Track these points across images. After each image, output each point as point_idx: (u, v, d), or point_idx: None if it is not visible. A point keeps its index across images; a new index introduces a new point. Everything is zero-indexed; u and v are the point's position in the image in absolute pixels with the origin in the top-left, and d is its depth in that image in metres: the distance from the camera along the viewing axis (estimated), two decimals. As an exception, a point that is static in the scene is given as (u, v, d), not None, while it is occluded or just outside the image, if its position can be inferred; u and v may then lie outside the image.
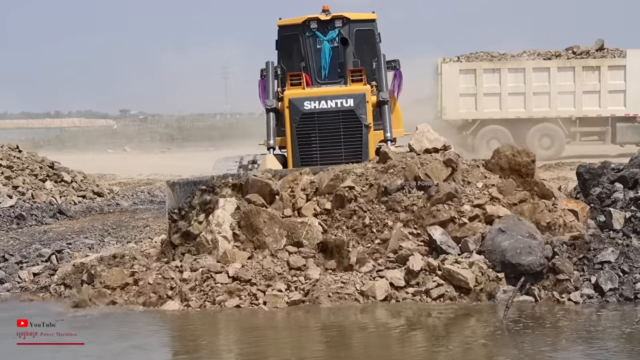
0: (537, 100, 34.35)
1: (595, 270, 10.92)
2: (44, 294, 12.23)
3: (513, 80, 34.33)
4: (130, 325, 10.06)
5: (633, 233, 11.64)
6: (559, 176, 22.67)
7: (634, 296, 10.67)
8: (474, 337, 9.20)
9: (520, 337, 9.02)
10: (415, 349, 8.83)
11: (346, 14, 14.88)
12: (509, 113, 34.42)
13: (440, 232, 11.12)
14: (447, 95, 34.73)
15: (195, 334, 9.67)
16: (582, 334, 9.21)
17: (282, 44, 15.28)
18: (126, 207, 21.65)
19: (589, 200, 12.50)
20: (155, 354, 9.13)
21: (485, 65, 34.58)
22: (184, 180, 12.26)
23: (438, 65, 34.95)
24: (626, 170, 12.77)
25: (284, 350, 8.94)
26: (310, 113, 13.54)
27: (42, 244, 15.09)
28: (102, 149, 56.95)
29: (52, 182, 22.39)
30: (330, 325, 9.60)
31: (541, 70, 34.32)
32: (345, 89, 13.76)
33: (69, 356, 8.99)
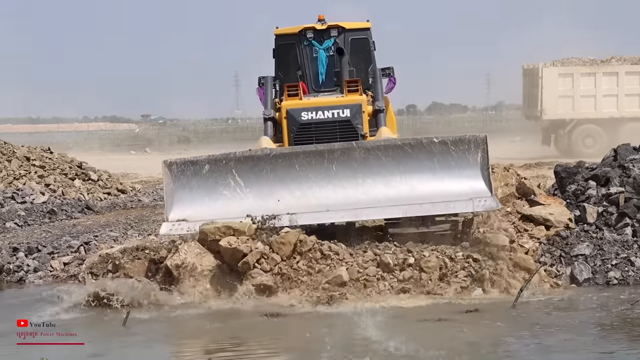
0: (628, 102, 34.52)
1: (572, 262, 10.95)
2: (73, 281, 12.27)
3: (607, 83, 34.50)
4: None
5: (605, 226, 11.67)
6: (538, 175, 22.62)
7: (606, 283, 10.71)
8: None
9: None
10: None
11: (341, 23, 14.21)
12: (603, 113, 34.54)
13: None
14: (547, 97, 34.95)
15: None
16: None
17: (279, 53, 14.33)
18: (147, 203, 21.63)
19: (565, 197, 12.51)
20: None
21: (582, 70, 34.83)
22: (180, 159, 11.87)
23: (539, 69, 35.19)
24: (599, 169, 12.78)
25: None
26: (307, 123, 12.80)
27: (72, 237, 15.09)
28: (125, 150, 56.88)
29: (80, 180, 22.38)
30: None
31: (633, 74, 34.54)
32: (342, 100, 13.03)
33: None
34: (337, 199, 11.35)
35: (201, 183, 11.52)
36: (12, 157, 22.34)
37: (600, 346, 8.37)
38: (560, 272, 10.86)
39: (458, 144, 11.23)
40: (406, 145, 11.40)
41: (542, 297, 10.18)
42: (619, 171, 12.48)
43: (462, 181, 11.12)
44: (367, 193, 11.33)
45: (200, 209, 11.40)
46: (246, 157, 11.59)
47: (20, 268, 12.95)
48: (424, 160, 11.28)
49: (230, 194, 11.47)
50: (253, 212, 11.12)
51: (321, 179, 11.47)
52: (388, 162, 11.34)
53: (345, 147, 11.56)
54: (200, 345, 9.19)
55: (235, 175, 11.50)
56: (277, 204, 11.36)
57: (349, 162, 11.44)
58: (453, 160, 11.21)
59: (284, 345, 9.06)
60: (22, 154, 22.69)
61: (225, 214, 11.22)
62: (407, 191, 11.24)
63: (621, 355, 8.09)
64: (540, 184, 13.37)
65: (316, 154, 11.55)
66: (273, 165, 11.53)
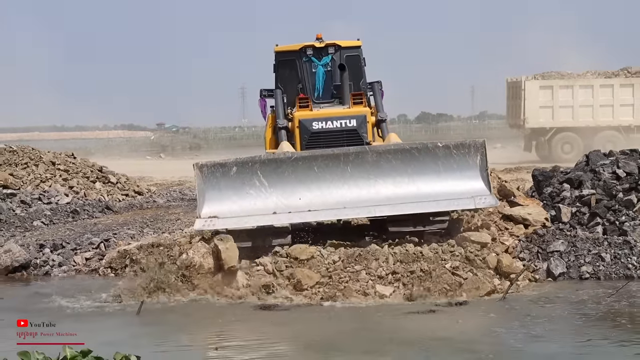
0: (603, 112, 34.71)
1: (548, 257, 10.96)
2: (94, 275, 12.27)
3: (583, 95, 34.73)
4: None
5: (578, 225, 11.69)
6: (517, 178, 22.59)
7: (579, 277, 10.72)
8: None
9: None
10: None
11: (337, 42, 14.49)
12: (580, 122, 34.77)
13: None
14: (529, 107, 35.16)
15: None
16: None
17: (279, 68, 14.50)
18: (161, 203, 21.60)
19: (542, 198, 12.52)
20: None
21: (560, 83, 35.07)
22: (210, 162, 11.91)
23: (522, 82, 35.41)
24: (572, 173, 12.79)
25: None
26: (317, 132, 13.05)
27: (93, 234, 15.07)
28: (141, 156, 56.80)
29: (100, 183, 22.35)
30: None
31: (606, 87, 34.73)
32: (349, 111, 13.27)
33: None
34: (352, 197, 11.53)
35: (229, 183, 11.60)
36: (39, 162, 22.33)
37: (581, 334, 8.40)
38: (537, 267, 10.87)
39: (459, 148, 11.50)
40: (414, 149, 11.66)
41: (531, 292, 10.18)
42: (591, 175, 12.50)
43: (464, 181, 11.35)
44: (379, 192, 11.50)
45: (229, 207, 11.50)
46: (270, 160, 11.79)
47: (46, 263, 12.96)
48: (429, 162, 11.50)
49: (255, 193, 11.58)
50: (277, 209, 11.36)
51: (337, 179, 11.65)
52: (397, 164, 11.55)
53: (359, 151, 11.77)
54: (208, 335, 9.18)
55: (260, 176, 11.63)
56: (299, 201, 11.52)
57: (362, 165, 11.62)
58: (455, 163, 11.44)
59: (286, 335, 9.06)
60: (48, 159, 22.68)
61: (252, 211, 11.42)
62: (415, 190, 11.44)
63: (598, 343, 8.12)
64: (520, 187, 13.37)
65: (333, 157, 11.71)
66: (294, 167, 11.67)
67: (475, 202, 11.17)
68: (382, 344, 8.26)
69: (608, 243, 11.13)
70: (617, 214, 11.67)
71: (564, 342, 8.16)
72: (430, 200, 11.28)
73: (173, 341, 8.84)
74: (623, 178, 12.23)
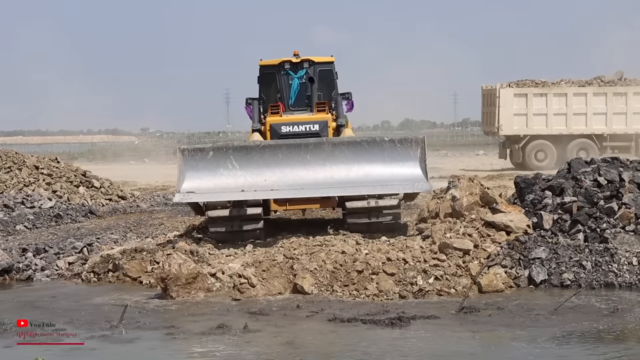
0: (576, 120, 34.79)
1: (530, 264, 10.96)
2: (76, 280, 12.19)
3: (557, 103, 34.81)
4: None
5: (559, 232, 11.70)
6: (499, 185, 22.62)
7: (560, 284, 10.72)
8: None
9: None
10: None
11: (311, 58, 16.35)
12: (553, 130, 34.85)
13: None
14: (504, 115, 35.18)
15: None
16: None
17: (262, 79, 16.51)
18: (145, 208, 21.55)
19: (524, 205, 12.53)
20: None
21: (535, 91, 35.11)
22: (191, 147, 14.13)
23: (497, 90, 35.41)
24: (554, 180, 12.81)
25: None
26: (285, 134, 14.70)
27: (76, 238, 15.00)
28: (125, 160, 56.59)
29: (84, 187, 22.24)
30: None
31: (579, 95, 34.80)
32: (313, 117, 15.09)
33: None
34: (309, 180, 13.56)
35: (206, 165, 13.60)
36: (23, 166, 22.22)
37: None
38: (519, 274, 10.87)
39: (403, 142, 13.55)
40: (364, 142, 13.81)
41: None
42: (572, 182, 12.52)
43: (405, 170, 13.38)
44: (333, 177, 13.52)
45: (204, 184, 13.50)
46: (241, 147, 13.96)
47: (29, 267, 12.85)
48: (377, 153, 13.54)
49: (228, 174, 13.57)
50: (245, 187, 13.41)
51: (298, 165, 13.62)
52: (349, 154, 13.57)
53: (318, 142, 13.86)
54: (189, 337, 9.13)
55: (233, 160, 13.63)
56: (264, 182, 13.55)
57: (319, 154, 13.64)
58: (399, 155, 13.48)
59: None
60: (32, 163, 22.56)
61: (224, 189, 13.43)
62: (363, 176, 13.47)
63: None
64: (502, 194, 13.37)
65: (295, 146, 13.77)
66: (262, 153, 13.70)
67: (414, 187, 13.33)
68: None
69: (589, 250, 11.14)
70: (599, 222, 11.69)
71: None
72: (375, 184, 13.30)
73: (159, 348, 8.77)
74: (604, 185, 12.26)
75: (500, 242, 11.44)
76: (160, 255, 11.82)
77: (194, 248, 12.10)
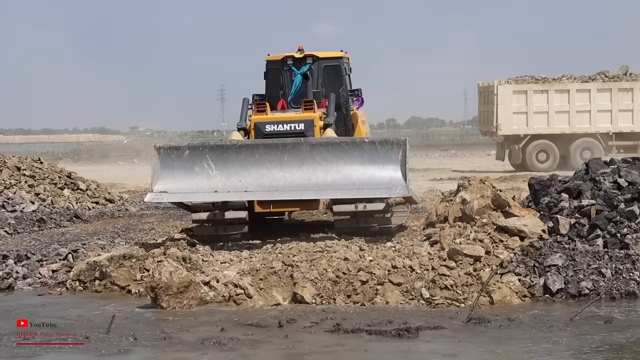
0: (579, 118, 34.72)
1: (545, 272, 10.93)
2: (61, 289, 12.17)
3: (559, 100, 34.75)
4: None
5: (577, 237, 11.67)
6: (513, 187, 22.61)
7: (578, 293, 10.69)
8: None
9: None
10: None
11: (315, 53, 16.56)
12: (555, 129, 34.78)
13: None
14: (502, 113, 35.12)
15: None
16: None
17: (268, 75, 16.86)
18: (134, 212, 21.55)
19: (539, 209, 12.51)
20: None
21: (535, 87, 35.04)
22: (167, 145, 14.62)
23: (495, 87, 35.30)
24: (571, 182, 12.79)
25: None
26: (270, 133, 14.92)
27: (60, 244, 14.99)
28: (113, 161, 56.67)
29: (69, 190, 22.25)
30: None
31: (583, 92, 34.74)
32: (298, 115, 15.26)
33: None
34: (285, 182, 13.90)
35: (181, 164, 14.10)
36: (3, 167, 22.21)
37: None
38: (534, 283, 10.85)
39: (384, 144, 13.84)
40: (343, 143, 14.10)
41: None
42: (591, 184, 12.50)
43: (384, 173, 13.66)
44: (310, 179, 13.86)
45: (178, 184, 14.05)
46: (218, 146, 14.43)
47: (10, 275, 12.82)
48: (356, 155, 13.83)
49: (203, 173, 14.03)
50: (218, 188, 13.91)
51: (275, 166, 13.96)
52: (328, 155, 13.88)
53: (295, 142, 14.16)
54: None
55: (209, 159, 14.05)
56: (238, 183, 13.96)
57: (297, 154, 13.96)
58: (379, 157, 13.73)
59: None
60: (13, 163, 22.56)
61: (197, 189, 14.01)
62: (342, 179, 13.81)
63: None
64: (515, 196, 13.37)
65: (272, 146, 14.10)
66: (238, 153, 14.11)
67: (390, 192, 13.68)
68: None
69: (609, 257, 11.13)
70: (619, 226, 11.67)
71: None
72: (352, 188, 13.67)
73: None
74: (625, 188, 12.24)
75: (513, 248, 11.42)
76: (150, 262, 11.81)
77: (187, 255, 12.09)
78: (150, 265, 11.59)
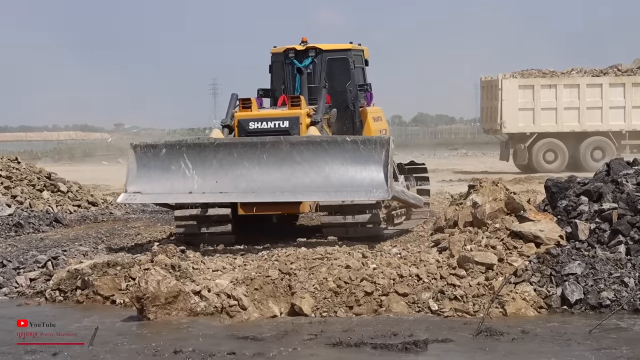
0: (590, 115, 34.61)
1: (563, 281, 10.90)
2: (39, 299, 12.14)
3: (568, 96, 34.65)
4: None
5: (597, 244, 11.66)
6: (528, 189, 22.64)
7: (599, 304, 10.66)
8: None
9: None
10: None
11: (319, 45, 16.67)
12: (564, 127, 34.71)
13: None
14: (507, 110, 34.97)
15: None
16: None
17: (273, 68, 17.11)
18: (119, 216, 21.55)
19: (556, 213, 12.49)
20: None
21: (542, 82, 34.95)
22: (143, 143, 15.07)
23: (499, 81, 35.18)
24: (591, 184, 12.77)
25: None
26: (253, 131, 15.17)
27: (39, 251, 14.98)
28: (97, 161, 56.72)
29: (49, 192, 22.23)
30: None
31: (594, 86, 34.68)
32: (284, 112, 15.49)
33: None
34: (263, 183, 14.16)
35: (158, 163, 14.50)
36: (-23, 167, 22.18)
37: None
38: (550, 293, 10.82)
39: (366, 143, 14.01)
40: (324, 142, 14.24)
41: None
42: (612, 186, 12.48)
43: (366, 174, 13.83)
44: (289, 180, 14.08)
45: (153, 185, 14.48)
46: (195, 144, 14.72)
47: (-16, 284, 12.82)
48: (338, 155, 14.01)
49: (179, 173, 14.37)
50: (193, 189, 14.27)
51: (253, 166, 14.25)
52: (308, 155, 14.07)
53: (275, 140, 14.41)
54: None
55: (186, 158, 14.40)
56: (215, 184, 14.26)
57: (277, 154, 14.20)
58: (361, 157, 13.88)
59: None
60: (-13, 164, 22.52)
61: (172, 190, 14.44)
62: (322, 180, 14.00)
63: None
64: (530, 199, 13.36)
65: (251, 145, 14.42)
66: (216, 152, 14.44)
67: (369, 195, 13.84)
68: None
69: (632, 265, 11.11)
70: (643, 232, 11.66)
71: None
72: (330, 190, 13.92)
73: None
74: (649, 190, 12.23)
75: (528, 256, 11.41)
76: (136, 270, 11.79)
77: (176, 262, 12.05)
78: (137, 273, 11.57)
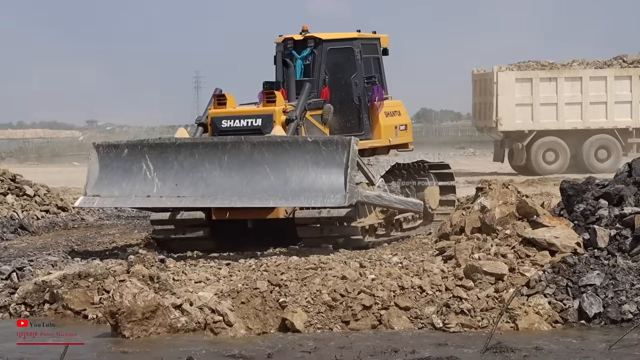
0: (593, 110, 34.53)
1: (580, 293, 10.90)
2: (3, 314, 12.12)
3: (569, 90, 34.57)
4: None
5: (618, 251, 11.66)
6: (542, 192, 22.67)
7: (620, 318, 10.67)
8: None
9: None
10: None
11: (318, 35, 16.74)
12: (566, 124, 34.64)
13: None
14: (503, 105, 34.89)
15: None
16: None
17: (277, 60, 17.13)
18: (92, 222, 21.50)
19: (573, 217, 12.51)
20: None
21: (541, 74, 34.87)
22: (106, 143, 15.75)
23: (494, 74, 35.03)
24: (611, 186, 12.79)
25: None
26: (226, 130, 15.49)
27: (2, 261, 14.93)
28: (67, 161, 56.61)
29: (13, 196, 22.17)
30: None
31: (598, 79, 34.61)
32: (257, 110, 15.88)
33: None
34: (223, 186, 14.49)
35: (120, 164, 14.97)
36: None
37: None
38: (566, 306, 10.82)
39: (328, 144, 14.29)
40: (285, 142, 14.54)
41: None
42: (634, 189, 12.51)
43: (326, 178, 14.12)
44: (249, 183, 14.41)
45: (112, 188, 14.95)
46: (157, 144, 15.09)
47: (-58, 298, 12.79)
48: (299, 157, 14.31)
49: (140, 175, 14.81)
50: (151, 193, 14.72)
51: (215, 168, 14.58)
52: (269, 157, 14.41)
53: (236, 141, 14.73)
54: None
55: (148, 159, 14.81)
56: (174, 187, 14.63)
57: (237, 155, 14.53)
58: (322, 159, 14.18)
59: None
60: (-54, 165, 22.51)
61: (130, 193, 14.88)
62: (281, 184, 14.32)
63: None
64: (544, 203, 13.38)
65: (212, 145, 14.82)
66: (177, 153, 14.80)
67: (325, 200, 14.12)
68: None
69: (656, 275, 11.14)
70: (668, 238, 11.69)
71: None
72: (288, 195, 14.25)
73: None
74: (675, 193, 12.27)
75: (542, 265, 11.43)
76: (110, 282, 11.78)
77: (154, 272, 12.05)
78: (111, 285, 11.58)
